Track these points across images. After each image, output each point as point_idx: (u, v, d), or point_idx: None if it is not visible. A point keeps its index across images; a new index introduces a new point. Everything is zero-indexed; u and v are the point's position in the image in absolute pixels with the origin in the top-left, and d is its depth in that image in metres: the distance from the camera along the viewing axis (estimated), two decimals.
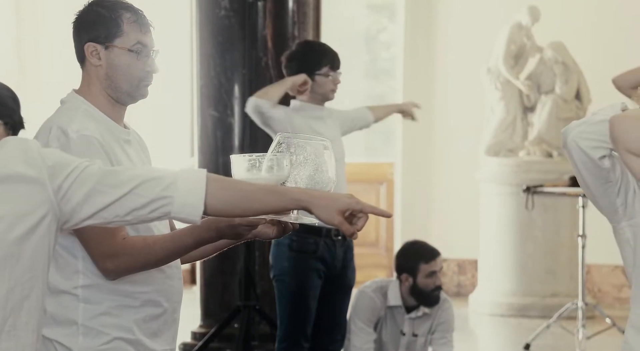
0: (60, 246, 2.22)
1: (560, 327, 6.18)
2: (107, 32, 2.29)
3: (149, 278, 2.26)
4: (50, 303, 2.22)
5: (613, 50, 7.79)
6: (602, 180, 2.03)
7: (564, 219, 7.18)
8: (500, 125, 7.55)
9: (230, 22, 4.88)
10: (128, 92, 2.31)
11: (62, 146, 2.19)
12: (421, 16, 8.45)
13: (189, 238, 2.17)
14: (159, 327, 2.28)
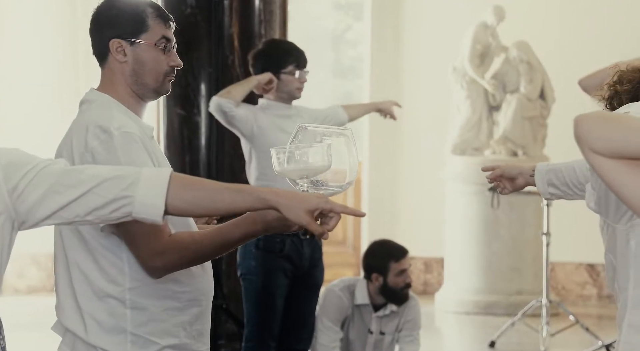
0: (103, 248, 2.18)
1: (524, 324, 6.23)
2: (133, 28, 2.25)
3: (190, 276, 2.23)
4: (95, 308, 2.19)
5: (577, 50, 7.87)
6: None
7: (528, 218, 7.24)
8: (466, 124, 7.60)
9: (196, 20, 4.86)
10: (154, 88, 2.28)
11: (103, 143, 2.16)
12: (387, 15, 8.48)
13: (235, 232, 2.15)
14: (202, 326, 2.27)
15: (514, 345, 6.20)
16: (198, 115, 4.96)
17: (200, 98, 4.96)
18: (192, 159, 4.88)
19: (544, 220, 6.12)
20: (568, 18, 8.05)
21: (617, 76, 2.12)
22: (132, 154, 2.15)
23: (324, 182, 2.10)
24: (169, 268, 2.16)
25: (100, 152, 2.15)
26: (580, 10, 8.03)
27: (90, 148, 2.16)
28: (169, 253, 2.14)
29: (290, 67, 4.22)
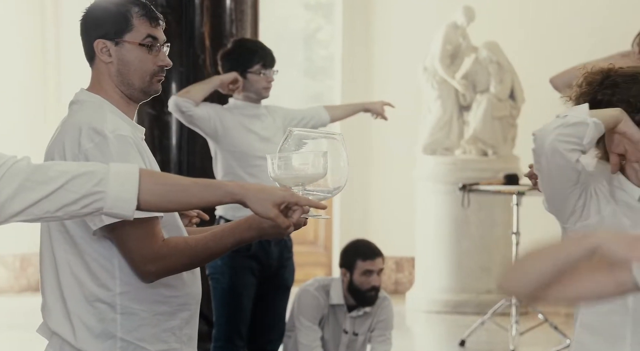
0: (94, 251, 2.16)
1: (494, 323, 6.27)
2: (117, 28, 2.23)
3: (181, 280, 2.22)
4: (86, 314, 2.17)
5: (546, 50, 7.94)
6: (571, 182, 2.04)
7: (498, 217, 7.29)
8: (436, 124, 7.63)
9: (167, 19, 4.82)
10: (141, 88, 2.25)
11: (97, 146, 2.13)
12: (358, 16, 8.50)
13: (229, 237, 2.14)
14: (192, 330, 2.25)
15: (484, 344, 6.24)
16: (168, 115, 4.94)
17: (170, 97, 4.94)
18: (163, 158, 4.86)
19: (514, 219, 6.17)
20: (537, 19, 8.11)
21: (582, 77, 2.15)
22: (128, 157, 2.13)
23: (314, 187, 2.10)
24: (162, 273, 2.15)
25: (95, 155, 2.13)
26: (549, 10, 8.10)
27: (84, 150, 2.14)
28: (162, 258, 2.13)
29: (257, 66, 4.22)
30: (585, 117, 2.02)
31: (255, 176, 4.20)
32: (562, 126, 2.02)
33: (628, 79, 2.09)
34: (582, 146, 2.01)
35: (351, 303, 4.56)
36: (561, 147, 2.01)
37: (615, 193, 2.10)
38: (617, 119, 2.05)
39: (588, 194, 2.07)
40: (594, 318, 2.09)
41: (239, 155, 4.23)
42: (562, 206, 2.08)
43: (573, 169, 2.02)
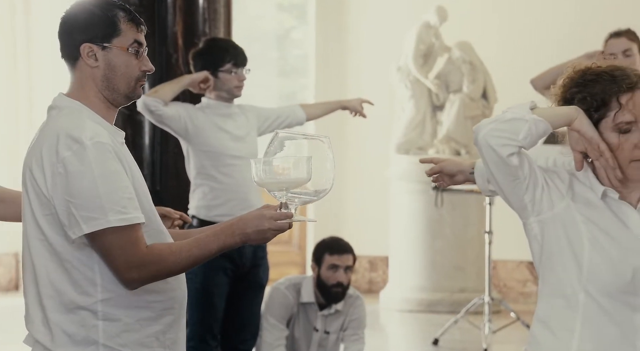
0: (75, 259, 2.16)
1: (467, 322, 6.30)
2: (104, 32, 2.21)
3: (165, 285, 2.23)
4: (65, 321, 2.16)
5: (518, 51, 7.99)
6: (511, 177, 2.07)
7: (471, 217, 7.32)
8: (410, 123, 7.66)
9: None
10: (125, 93, 2.24)
11: (76, 154, 2.12)
12: (331, 15, 8.51)
13: (213, 243, 2.16)
14: (176, 334, 2.26)
15: (457, 342, 6.27)
16: (141, 114, 4.93)
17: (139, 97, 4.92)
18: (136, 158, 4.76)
19: (487, 219, 6.20)
20: (509, 19, 8.16)
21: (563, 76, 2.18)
22: (106, 164, 2.13)
23: (299, 191, 2.12)
24: (147, 279, 2.16)
25: (73, 163, 2.13)
26: (521, 10, 8.15)
27: (62, 158, 2.14)
28: (146, 265, 2.14)
29: (228, 65, 4.21)
30: (524, 114, 2.05)
31: (228, 175, 4.19)
32: (497, 122, 2.06)
33: (593, 77, 2.11)
34: (517, 142, 2.03)
35: (322, 301, 4.56)
36: (492, 142, 2.04)
37: (576, 189, 2.12)
38: (569, 117, 2.08)
39: (539, 188, 2.09)
40: (547, 312, 2.12)
41: (212, 154, 4.22)
42: (511, 200, 2.11)
43: (507, 165, 2.05)
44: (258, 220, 2.14)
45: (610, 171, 2.08)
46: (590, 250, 2.06)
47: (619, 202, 2.11)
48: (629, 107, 2.07)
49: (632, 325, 2.05)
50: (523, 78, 5.13)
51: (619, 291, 2.05)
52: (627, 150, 2.07)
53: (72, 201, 2.12)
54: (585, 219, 2.08)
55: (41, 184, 2.16)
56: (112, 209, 2.11)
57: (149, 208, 2.23)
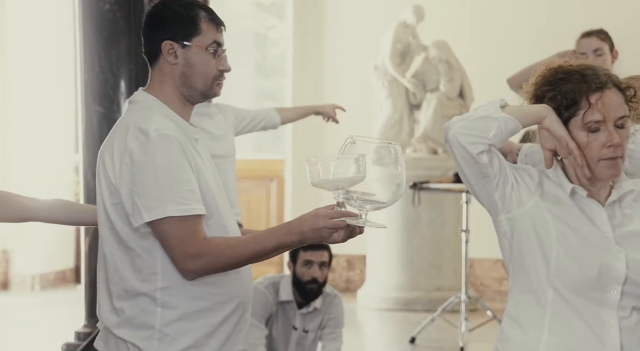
0: (139, 247, 2.23)
1: (444, 320, 6.32)
2: (185, 31, 2.29)
3: (225, 279, 2.27)
4: (127, 306, 2.24)
5: (494, 50, 8.02)
6: (481, 175, 2.09)
7: (448, 215, 7.35)
8: (387, 122, 7.67)
9: (115, 16, 4.80)
10: (202, 91, 2.31)
11: (141, 145, 2.20)
12: (309, 14, 8.51)
13: (270, 240, 2.20)
14: (233, 328, 2.30)
15: (434, 341, 6.29)
16: (118, 112, 4.90)
17: (120, 95, 4.89)
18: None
19: (463, 217, 6.23)
20: (485, 18, 8.20)
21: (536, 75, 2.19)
22: (169, 156, 2.19)
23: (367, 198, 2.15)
24: (202, 271, 2.21)
25: (138, 154, 2.20)
26: (498, 10, 8.19)
27: (129, 149, 2.21)
28: (202, 257, 2.19)
29: None
30: (494, 112, 2.06)
31: None
32: (467, 120, 2.08)
33: (564, 76, 2.13)
34: (487, 140, 2.05)
35: (300, 300, 4.56)
36: (462, 139, 2.06)
37: (545, 187, 2.13)
38: (539, 115, 2.09)
39: (508, 186, 2.11)
40: (517, 308, 2.14)
41: None
42: (482, 198, 2.13)
43: (476, 162, 2.07)
44: (313, 219, 2.19)
45: (578, 169, 2.09)
46: (558, 247, 2.08)
47: (588, 200, 2.13)
48: (598, 107, 2.09)
49: (600, 320, 2.07)
50: (499, 77, 5.16)
51: (586, 288, 2.07)
52: (595, 149, 2.09)
53: (136, 190, 2.20)
54: (553, 217, 2.10)
55: (110, 173, 2.24)
56: (173, 199, 2.18)
57: (214, 204, 2.27)
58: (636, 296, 2.08)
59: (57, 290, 8.14)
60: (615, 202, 2.13)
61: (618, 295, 2.06)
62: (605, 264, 2.07)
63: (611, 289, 2.06)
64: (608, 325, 2.07)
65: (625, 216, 2.12)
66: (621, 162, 2.10)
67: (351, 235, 2.22)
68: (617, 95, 2.11)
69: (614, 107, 2.09)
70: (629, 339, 2.07)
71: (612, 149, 2.08)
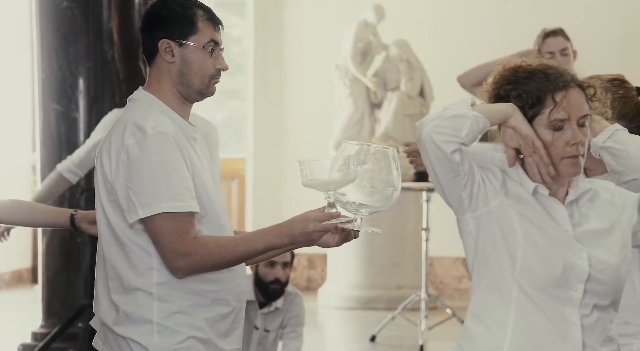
0: (133, 243, 2.24)
1: (404, 318, 6.35)
2: (182, 30, 2.29)
3: (219, 277, 2.28)
4: (124, 301, 2.25)
5: (454, 49, 8.07)
6: (452, 173, 2.09)
7: (408, 214, 7.38)
8: (349, 121, 7.68)
9: (73, 14, 4.76)
10: (199, 90, 2.32)
11: (138, 142, 2.20)
12: (270, 13, 8.50)
13: (260, 242, 2.21)
14: (228, 326, 2.31)
15: (394, 339, 6.32)
16: (76, 111, 4.86)
17: (78, 94, 4.85)
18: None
19: (424, 216, 6.26)
20: (445, 17, 8.25)
21: (494, 74, 2.20)
22: (165, 153, 2.20)
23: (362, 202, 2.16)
24: (191, 270, 2.21)
25: (135, 150, 2.21)
26: (457, 9, 8.24)
27: (126, 146, 2.22)
28: (191, 255, 2.20)
29: None
30: (465, 111, 2.08)
31: None
32: (439, 118, 2.08)
33: (527, 75, 2.14)
34: (460, 138, 2.06)
35: (262, 300, 4.56)
36: (436, 138, 2.07)
37: (508, 186, 2.15)
38: (506, 114, 2.10)
39: (475, 185, 2.12)
40: (481, 306, 2.15)
41: None
42: (449, 196, 2.14)
43: (450, 161, 2.08)
44: (303, 222, 2.20)
45: (543, 168, 2.11)
46: (523, 245, 2.10)
47: (549, 198, 2.14)
48: (563, 105, 2.10)
49: (562, 318, 2.09)
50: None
51: (550, 285, 2.09)
52: (559, 147, 2.10)
53: (131, 186, 2.21)
54: (518, 215, 2.12)
55: (107, 170, 2.26)
56: (167, 195, 2.19)
57: (209, 202, 2.28)
58: (597, 294, 2.10)
59: (13, 290, 8.04)
60: (573, 201, 2.15)
61: (580, 293, 2.09)
62: (569, 262, 2.09)
63: (574, 287, 2.08)
64: (570, 323, 2.08)
65: (582, 215, 2.14)
66: (582, 160, 2.12)
67: (346, 239, 2.24)
68: (580, 94, 2.13)
69: (577, 105, 2.11)
70: (590, 336, 2.09)
71: (575, 147, 2.10)
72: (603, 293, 2.10)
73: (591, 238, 2.11)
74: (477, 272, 2.16)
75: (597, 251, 2.11)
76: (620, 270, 2.12)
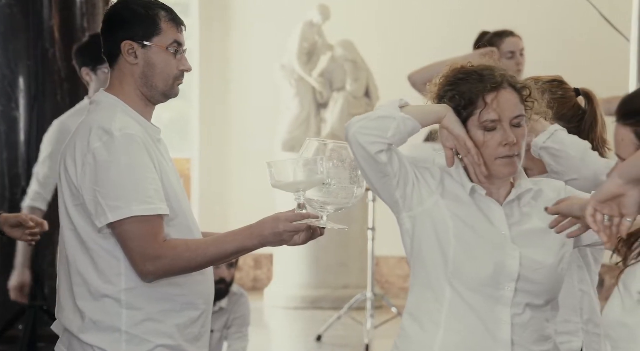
0: (101, 248, 2.20)
1: (350, 318, 6.38)
2: (145, 31, 2.26)
3: (189, 280, 2.25)
4: (91, 308, 2.20)
5: (399, 49, 8.12)
6: (381, 173, 2.11)
7: (354, 213, 7.40)
8: (295, 121, 7.69)
9: (12, 12, 4.69)
10: (162, 91, 2.29)
11: (105, 144, 2.17)
12: (215, 12, 8.46)
13: (231, 243, 2.20)
14: (198, 330, 2.28)
15: (339, 338, 6.34)
16: (16, 109, 4.78)
17: (18, 92, 4.78)
18: (10, 156, 4.69)
19: (369, 215, 6.29)
20: (391, 18, 8.29)
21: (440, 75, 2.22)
22: (133, 156, 2.17)
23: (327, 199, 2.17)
24: (160, 273, 2.19)
25: (102, 153, 2.18)
26: (403, 9, 8.29)
27: (92, 149, 2.19)
28: (161, 259, 2.17)
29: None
30: (392, 112, 2.09)
31: None
32: (366, 119, 2.10)
33: (464, 76, 2.17)
34: (386, 139, 2.08)
35: None
36: (361, 139, 2.08)
37: (446, 185, 2.17)
38: (438, 115, 2.13)
39: (409, 185, 2.14)
40: (416, 305, 2.17)
41: None
42: (383, 196, 2.16)
43: (376, 161, 2.10)
44: (274, 222, 2.19)
45: (476, 168, 2.13)
46: (455, 245, 2.12)
47: (486, 198, 2.16)
48: (494, 106, 2.12)
49: (493, 316, 2.11)
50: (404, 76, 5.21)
51: (481, 285, 2.11)
52: (491, 147, 2.12)
53: (99, 190, 2.18)
54: (452, 215, 2.13)
55: (72, 174, 2.22)
56: (137, 198, 2.16)
57: (177, 204, 2.26)
58: (529, 293, 2.12)
59: None
60: (514, 200, 2.16)
61: (511, 292, 2.10)
62: (499, 262, 2.11)
63: (505, 287, 2.10)
64: (501, 321, 2.10)
65: (523, 214, 2.16)
66: (518, 160, 2.14)
67: (312, 237, 2.23)
68: (512, 94, 2.14)
69: (509, 106, 2.13)
70: (520, 335, 2.11)
71: (508, 147, 2.12)
72: (536, 292, 2.12)
73: (528, 238, 2.13)
74: (413, 271, 2.18)
75: (532, 250, 2.13)
76: (556, 270, 2.14)
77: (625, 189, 1.65)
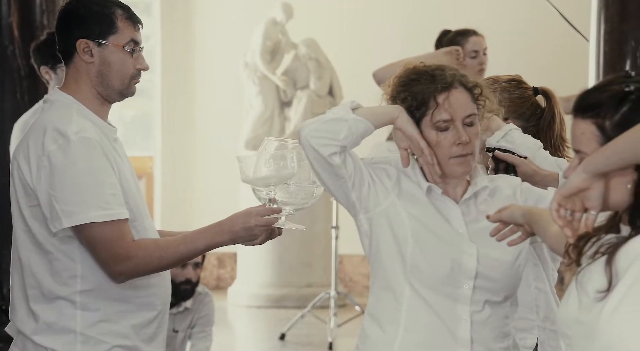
0: (57, 251, 2.17)
1: (314, 316, 6.38)
2: (101, 29, 2.23)
3: (147, 281, 2.24)
4: (45, 311, 2.18)
5: (363, 48, 8.14)
6: (335, 176, 2.11)
7: (318, 212, 7.41)
8: (258, 119, 7.67)
9: None
10: (119, 90, 2.25)
11: (61, 148, 2.13)
12: (177, 11, 8.42)
13: (201, 240, 2.19)
14: (154, 331, 2.27)
15: (303, 337, 6.34)
16: None
17: None
18: None
19: (333, 214, 6.30)
20: (354, 16, 8.31)
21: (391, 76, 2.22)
22: (90, 160, 2.14)
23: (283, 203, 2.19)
24: (132, 273, 2.18)
25: (58, 157, 2.14)
26: (366, 8, 8.31)
27: (47, 152, 2.15)
28: (132, 259, 2.16)
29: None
30: (344, 114, 2.10)
31: None
32: (317, 122, 2.10)
33: (416, 77, 2.18)
34: (338, 141, 2.08)
35: (172, 300, 4.51)
36: (313, 142, 2.08)
37: (403, 185, 2.18)
38: (391, 116, 2.13)
39: (365, 186, 2.15)
40: (376, 305, 2.18)
41: None
42: (339, 198, 2.17)
43: (329, 164, 2.10)
44: (245, 217, 2.18)
45: (430, 168, 2.14)
46: (413, 244, 2.13)
47: (442, 197, 2.17)
48: (445, 107, 2.14)
49: (453, 315, 2.12)
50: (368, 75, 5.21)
51: (440, 283, 2.11)
52: (445, 147, 2.14)
53: (55, 194, 2.15)
54: (409, 215, 2.14)
55: (27, 175, 2.18)
56: (95, 204, 2.13)
57: (135, 206, 2.23)
58: (488, 290, 2.13)
59: None
60: (470, 198, 2.18)
61: (470, 290, 2.11)
62: (456, 260, 2.12)
63: (463, 284, 2.11)
64: (460, 319, 2.11)
65: (480, 212, 2.17)
66: (472, 159, 2.15)
67: (270, 236, 2.24)
68: (463, 94, 2.15)
69: (460, 106, 2.14)
70: (480, 333, 2.12)
71: (461, 147, 2.13)
72: (495, 289, 2.14)
73: (485, 235, 2.14)
74: (373, 271, 2.19)
75: (489, 248, 2.14)
76: (514, 266, 2.16)
77: (590, 182, 1.64)
